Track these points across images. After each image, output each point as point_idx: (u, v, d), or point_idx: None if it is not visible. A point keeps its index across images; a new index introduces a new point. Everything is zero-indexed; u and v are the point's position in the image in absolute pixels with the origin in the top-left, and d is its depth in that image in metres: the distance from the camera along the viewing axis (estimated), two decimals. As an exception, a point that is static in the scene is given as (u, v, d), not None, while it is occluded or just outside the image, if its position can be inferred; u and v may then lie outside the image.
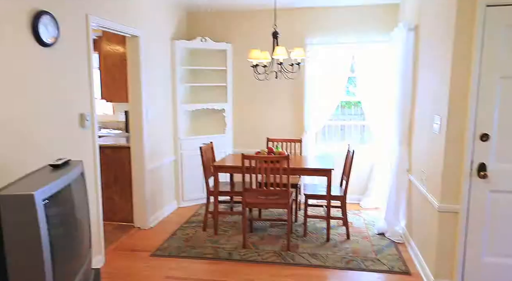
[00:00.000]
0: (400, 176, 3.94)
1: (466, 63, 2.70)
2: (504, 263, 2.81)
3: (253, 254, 3.63)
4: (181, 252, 3.70)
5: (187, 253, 3.67)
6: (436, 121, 3.02)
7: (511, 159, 2.71)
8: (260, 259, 3.54)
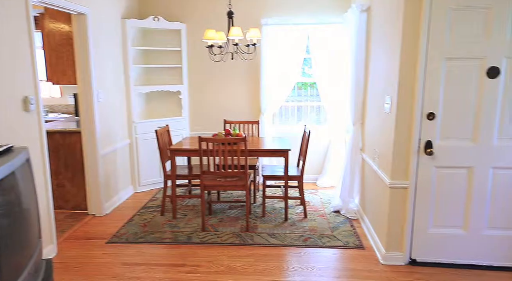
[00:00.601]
0: (354, 155, 4.08)
1: (414, 45, 2.80)
2: (447, 233, 3.01)
3: (212, 237, 3.64)
4: (138, 238, 3.63)
5: (145, 239, 3.61)
6: (387, 101, 3.13)
7: (454, 136, 2.87)
8: (220, 241, 3.56)
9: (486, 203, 2.93)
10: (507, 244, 2.97)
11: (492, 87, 2.76)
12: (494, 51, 2.72)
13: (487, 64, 2.74)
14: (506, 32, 2.69)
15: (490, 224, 2.96)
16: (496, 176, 2.89)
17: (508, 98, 2.77)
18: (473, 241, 2.99)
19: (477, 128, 2.84)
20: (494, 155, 2.86)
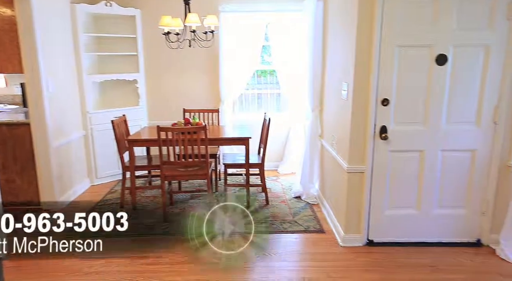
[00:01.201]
0: (313, 141, 4.15)
1: (369, 33, 2.86)
2: (402, 214, 3.16)
3: (174, 227, 3.60)
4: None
5: (104, 232, 3.50)
6: (344, 88, 3.20)
7: (407, 121, 3.00)
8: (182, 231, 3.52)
9: (436, 184, 3.10)
10: (454, 221, 3.16)
11: (440, 74, 2.90)
12: (442, 40, 2.84)
13: (435, 52, 2.86)
14: (452, 21, 2.81)
15: (439, 203, 3.14)
16: (445, 158, 3.05)
17: (455, 84, 2.92)
18: (425, 220, 3.16)
19: (427, 113, 2.98)
20: (442, 139, 3.01)
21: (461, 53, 2.87)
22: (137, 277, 2.83)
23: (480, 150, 3.04)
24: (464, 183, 3.11)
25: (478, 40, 2.86)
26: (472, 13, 2.81)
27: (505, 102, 2.94)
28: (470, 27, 2.83)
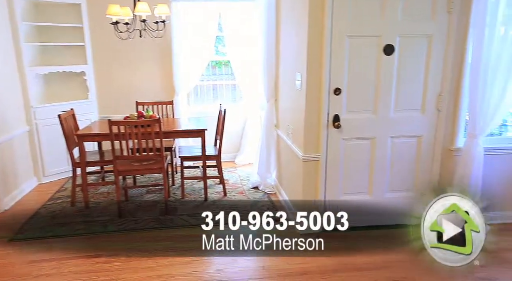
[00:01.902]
0: (269, 131, 4.19)
1: (320, 23, 2.91)
2: (354, 200, 3.27)
3: (130, 223, 3.50)
4: (46, 232, 3.35)
5: (54, 232, 3.34)
6: (297, 78, 3.24)
7: (358, 110, 3.10)
8: (139, 226, 3.44)
9: (387, 169, 3.24)
10: (402, 204, 3.32)
11: (388, 64, 3.01)
12: (389, 30, 2.95)
13: (383, 42, 2.97)
14: (398, 13, 2.93)
15: (390, 188, 3.29)
16: (394, 145, 3.20)
17: (401, 74, 3.05)
18: (376, 204, 3.30)
19: (377, 101, 3.09)
20: (391, 126, 3.15)
21: (407, 44, 3.00)
22: (91, 277, 2.72)
23: (425, 136, 3.21)
24: (412, 167, 3.28)
25: (422, 31, 2.99)
26: (416, 6, 2.94)
27: (447, 90, 3.12)
28: (414, 19, 2.96)
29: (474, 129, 3.06)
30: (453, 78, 3.10)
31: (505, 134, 3.80)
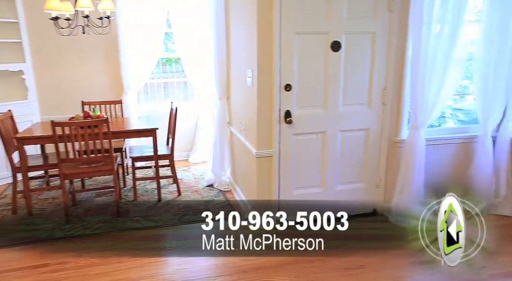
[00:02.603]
0: (222, 129, 4.17)
1: (269, 20, 2.93)
2: (308, 193, 3.35)
3: (79, 229, 3.34)
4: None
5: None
6: (249, 74, 3.25)
7: (309, 105, 3.17)
8: (88, 232, 3.29)
9: (337, 162, 3.34)
10: (352, 195, 3.46)
11: (336, 60, 3.10)
12: (335, 27, 3.04)
13: (330, 39, 3.05)
14: (343, 10, 3.02)
15: (341, 180, 3.40)
16: (343, 138, 3.30)
17: (349, 69, 3.15)
18: (329, 196, 3.40)
19: (326, 97, 3.18)
20: (340, 120, 3.25)
21: (352, 40, 3.10)
22: (38, 287, 2.58)
23: (372, 129, 3.35)
24: (360, 160, 3.41)
25: (366, 28, 3.11)
26: (360, 4, 3.04)
27: (391, 85, 3.27)
28: (358, 16, 3.07)
29: (416, 121, 3.23)
30: (396, 73, 3.26)
31: (444, 125, 4.07)
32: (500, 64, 3.24)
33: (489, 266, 2.67)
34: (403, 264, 2.76)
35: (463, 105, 4.24)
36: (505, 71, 3.26)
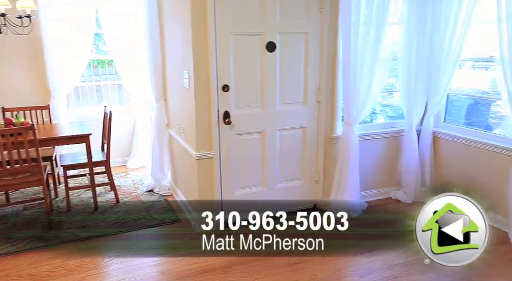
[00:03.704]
0: (160, 132, 4.06)
1: (203, 21, 2.91)
2: (250, 192, 3.38)
3: (4, 246, 3.06)
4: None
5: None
6: (185, 76, 3.20)
7: (246, 105, 3.19)
8: (15, 249, 3.03)
9: (277, 161, 3.40)
10: (294, 192, 3.55)
11: (271, 60, 3.16)
12: (270, 28, 3.09)
13: (265, 39, 3.10)
14: (276, 12, 3.08)
15: (281, 178, 3.47)
16: (282, 137, 3.37)
17: (284, 69, 3.22)
18: (270, 195, 3.45)
19: (264, 96, 3.22)
20: (278, 119, 3.32)
21: (287, 41, 3.18)
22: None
23: (309, 127, 3.45)
24: (299, 157, 3.50)
25: (299, 29, 3.21)
26: (292, 5, 3.13)
27: (325, 84, 3.40)
28: (291, 17, 3.15)
29: (349, 118, 3.39)
30: (329, 73, 3.39)
31: (375, 121, 4.32)
32: (420, 64, 3.51)
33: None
34: (346, 254, 2.88)
35: (391, 101, 4.53)
36: (424, 70, 3.54)
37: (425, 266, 2.67)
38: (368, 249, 2.94)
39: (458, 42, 3.32)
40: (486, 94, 3.88)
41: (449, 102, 3.82)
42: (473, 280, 2.55)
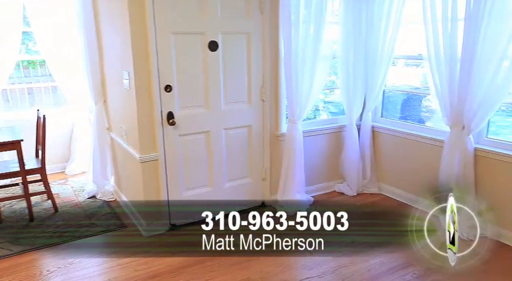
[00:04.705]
0: (101, 135, 3.88)
1: (142, 20, 2.83)
2: (198, 193, 3.34)
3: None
4: None
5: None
6: (125, 76, 3.08)
7: (191, 105, 3.16)
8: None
9: (224, 160, 3.40)
10: (242, 191, 3.56)
11: (214, 59, 3.14)
12: (211, 27, 3.08)
13: (207, 39, 3.08)
14: (217, 11, 3.07)
15: (229, 177, 3.47)
16: (228, 136, 3.37)
17: (227, 68, 3.22)
18: (218, 195, 3.43)
19: (208, 96, 3.20)
20: (224, 118, 3.31)
21: (229, 40, 3.18)
22: None
23: (255, 125, 3.48)
24: (246, 156, 3.52)
25: (241, 28, 3.22)
26: (233, 4, 3.13)
27: (268, 82, 3.44)
28: (232, 16, 3.16)
29: (293, 116, 3.47)
30: (271, 71, 3.44)
31: (319, 117, 4.46)
32: (357, 62, 3.67)
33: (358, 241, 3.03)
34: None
35: (333, 98, 4.70)
36: (361, 68, 3.71)
37: (368, 254, 2.82)
38: (317, 243, 3.02)
39: (391, 41, 3.52)
40: (418, 89, 4.16)
41: (385, 98, 4.04)
42: (413, 262, 2.71)
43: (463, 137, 3.01)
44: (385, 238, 3.06)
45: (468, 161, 3.03)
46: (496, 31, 2.68)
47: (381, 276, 2.58)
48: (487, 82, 2.78)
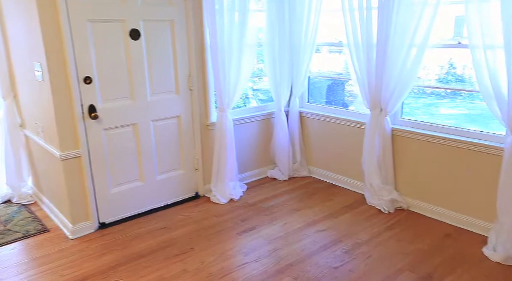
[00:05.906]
0: (13, 133, 3.54)
1: (53, 7, 2.60)
2: (127, 188, 3.22)
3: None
4: None
5: None
6: (37, 68, 2.83)
7: (114, 97, 2.99)
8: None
9: (153, 153, 3.29)
10: (175, 182, 3.50)
11: (137, 48, 3.01)
12: (132, 15, 2.93)
13: (128, 27, 2.93)
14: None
15: (160, 170, 3.38)
16: (156, 128, 3.27)
17: (152, 58, 3.10)
18: (149, 188, 3.33)
19: (132, 87, 3.06)
20: (151, 110, 3.20)
21: (151, 28, 3.05)
22: None
23: (184, 115, 3.41)
24: (176, 147, 3.45)
25: (163, 16, 3.10)
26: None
27: (195, 71, 3.38)
28: (153, 3, 3.03)
29: (222, 104, 3.45)
30: (198, 60, 3.38)
31: (248, 105, 4.50)
32: (282, 49, 3.75)
33: (290, 222, 3.15)
34: (229, 237, 2.96)
35: (261, 85, 4.77)
36: (287, 55, 3.80)
37: (301, 235, 2.95)
38: (250, 228, 3.08)
39: (313, 29, 3.64)
40: (341, 75, 4.37)
41: (310, 84, 4.19)
42: (342, 239, 2.89)
43: (381, 119, 3.23)
44: (317, 217, 3.21)
45: (387, 141, 3.27)
46: (404, 20, 2.89)
47: (314, 254, 2.70)
48: (399, 67, 3.00)
